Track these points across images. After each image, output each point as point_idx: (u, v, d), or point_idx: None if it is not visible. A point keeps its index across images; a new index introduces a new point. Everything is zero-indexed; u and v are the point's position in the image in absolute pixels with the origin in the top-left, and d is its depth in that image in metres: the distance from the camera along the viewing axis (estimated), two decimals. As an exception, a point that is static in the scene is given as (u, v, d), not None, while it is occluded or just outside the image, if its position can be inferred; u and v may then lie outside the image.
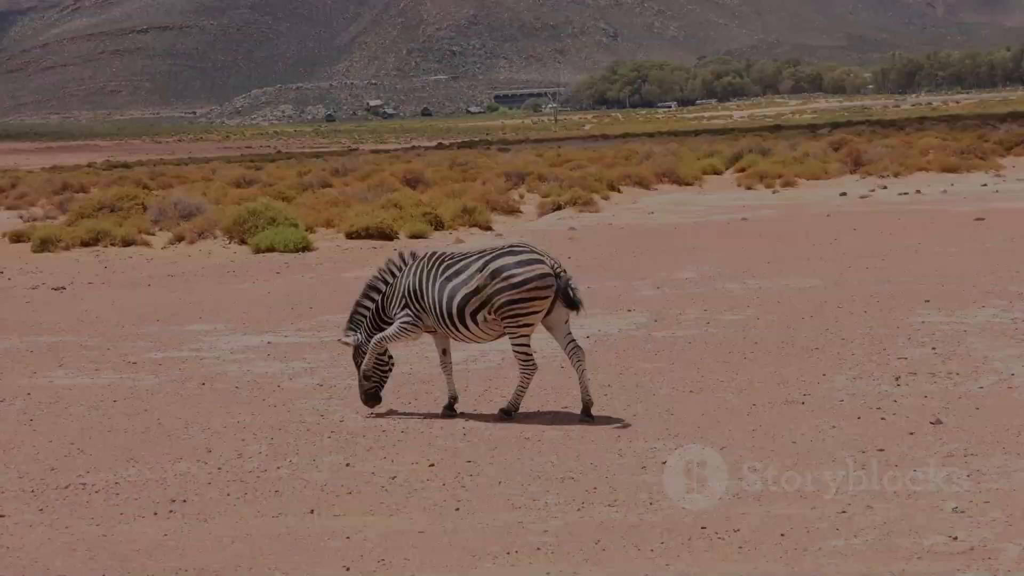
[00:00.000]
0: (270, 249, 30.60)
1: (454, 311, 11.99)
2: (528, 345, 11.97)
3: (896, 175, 49.98)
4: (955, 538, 8.23)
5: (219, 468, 10.83)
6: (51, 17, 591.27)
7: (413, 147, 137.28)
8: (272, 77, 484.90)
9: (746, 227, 33.05)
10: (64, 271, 28.56)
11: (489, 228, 36.08)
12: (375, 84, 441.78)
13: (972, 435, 10.82)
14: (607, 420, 11.98)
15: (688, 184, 54.08)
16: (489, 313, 11.87)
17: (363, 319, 12.66)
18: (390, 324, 12.52)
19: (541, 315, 11.83)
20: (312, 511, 9.53)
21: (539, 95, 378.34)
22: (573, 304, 11.83)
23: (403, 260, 12.54)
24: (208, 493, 10.10)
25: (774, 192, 46.79)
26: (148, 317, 20.83)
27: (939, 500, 9.07)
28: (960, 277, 20.99)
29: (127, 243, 33.39)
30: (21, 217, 46.59)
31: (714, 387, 13.36)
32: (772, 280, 22.02)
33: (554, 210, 41.44)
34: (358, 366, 12.73)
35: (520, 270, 11.72)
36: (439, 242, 30.77)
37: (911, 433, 10.99)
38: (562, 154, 73.40)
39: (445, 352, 12.56)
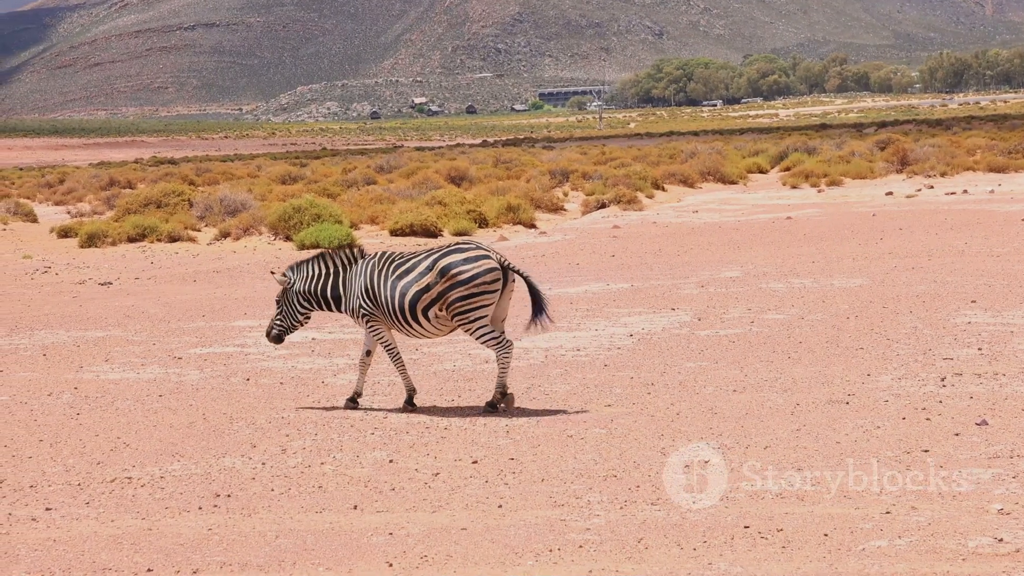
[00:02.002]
0: (315, 245, 30.72)
1: (406, 307, 12.36)
2: (491, 330, 12.26)
3: (943, 175, 49.64)
4: (1000, 540, 8.16)
5: (263, 463, 10.88)
6: (99, 14, 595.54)
7: (457, 144, 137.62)
8: (318, 74, 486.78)
9: (791, 226, 32.92)
10: (111, 266, 28.78)
11: (533, 226, 36.09)
12: (420, 81, 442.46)
13: (1018, 436, 10.74)
14: (650, 418, 11.98)
15: (733, 183, 54.00)
16: (440, 309, 12.28)
17: (308, 277, 12.85)
18: (335, 304, 12.76)
19: (492, 307, 12.25)
20: (355, 507, 9.56)
21: (584, 93, 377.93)
22: (539, 303, 12.41)
23: (357, 255, 12.81)
24: (252, 488, 10.15)
25: (819, 191, 46.56)
26: (193, 312, 20.97)
27: (984, 502, 9.01)
28: (1007, 277, 20.83)
29: (173, 239, 33.66)
30: (68, 212, 47.09)
31: (758, 386, 13.32)
32: (817, 279, 21.92)
33: (598, 208, 41.46)
34: (277, 303, 13.05)
35: (468, 266, 12.18)
36: (483, 240, 30.79)
37: (956, 434, 10.92)
38: (607, 152, 73.37)
39: (369, 354, 12.83)
